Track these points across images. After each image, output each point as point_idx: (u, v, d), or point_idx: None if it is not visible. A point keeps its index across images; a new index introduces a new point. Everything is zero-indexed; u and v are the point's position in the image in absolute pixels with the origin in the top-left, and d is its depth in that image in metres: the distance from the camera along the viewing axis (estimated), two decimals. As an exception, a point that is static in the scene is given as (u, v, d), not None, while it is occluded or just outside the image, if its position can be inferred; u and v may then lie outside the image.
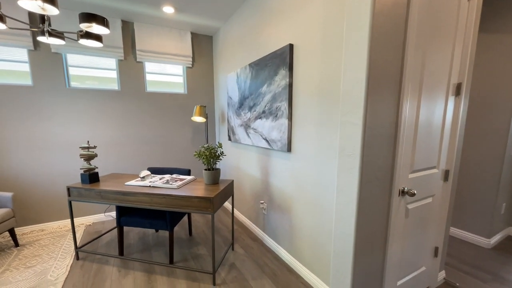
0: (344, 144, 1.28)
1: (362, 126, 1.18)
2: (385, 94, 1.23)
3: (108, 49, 2.82)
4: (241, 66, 2.76)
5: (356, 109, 1.20)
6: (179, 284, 1.83)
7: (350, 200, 1.26)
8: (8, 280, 1.85)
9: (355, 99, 1.20)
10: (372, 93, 1.17)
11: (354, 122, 1.21)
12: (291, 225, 2.07)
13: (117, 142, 3.00)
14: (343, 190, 1.30)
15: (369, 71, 1.14)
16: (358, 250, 1.29)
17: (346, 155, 1.27)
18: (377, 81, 1.18)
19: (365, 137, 1.19)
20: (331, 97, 1.59)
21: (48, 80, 2.62)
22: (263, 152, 2.45)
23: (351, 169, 1.24)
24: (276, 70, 2.12)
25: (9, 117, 2.50)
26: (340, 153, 1.31)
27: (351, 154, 1.24)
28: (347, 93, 1.25)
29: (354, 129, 1.21)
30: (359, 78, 1.17)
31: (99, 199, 2.00)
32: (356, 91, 1.19)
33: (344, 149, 1.28)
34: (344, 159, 1.28)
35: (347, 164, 1.27)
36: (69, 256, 2.18)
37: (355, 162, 1.22)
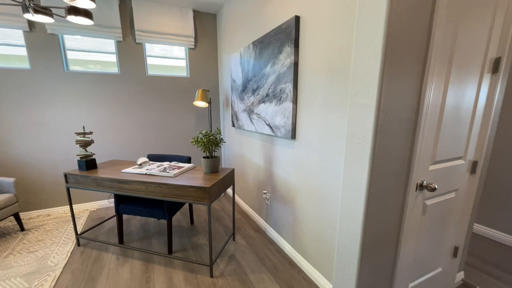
0: (353, 129, 1.09)
1: (375, 108, 0.98)
2: (406, 72, 1.02)
3: (105, 29, 2.68)
4: (244, 45, 2.55)
5: (368, 88, 1.00)
6: (176, 274, 1.77)
7: (357, 194, 1.09)
8: (10, 265, 1.87)
9: (368, 76, 1.00)
10: (389, 70, 0.96)
11: (365, 103, 1.02)
12: (294, 217, 1.93)
13: (117, 128, 2.93)
14: (350, 184, 1.13)
15: (386, 44, 0.93)
16: (365, 250, 1.14)
17: (355, 143, 1.08)
18: (396, 57, 0.97)
19: (379, 121, 1.00)
20: (340, 76, 1.38)
21: (46, 63, 2.54)
22: (266, 139, 2.29)
23: (361, 159, 1.06)
24: (280, 48, 1.91)
25: (9, 102, 2.46)
26: (348, 140, 1.12)
27: (361, 141, 1.05)
28: (358, 69, 1.04)
29: (366, 112, 1.02)
30: (374, 52, 0.97)
31: (95, 187, 1.94)
32: (369, 66, 0.99)
33: (353, 135, 1.09)
34: (353, 147, 1.10)
35: (355, 153, 1.09)
36: (70, 242, 2.18)
37: (365, 151, 1.04)
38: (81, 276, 1.75)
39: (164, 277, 1.74)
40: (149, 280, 1.71)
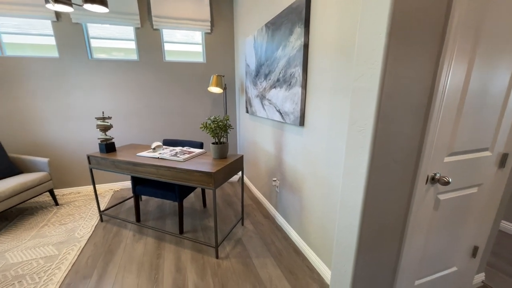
0: (355, 116, 1.01)
1: (377, 93, 0.90)
2: (417, 52, 0.90)
3: (124, 16, 2.76)
4: (258, 28, 2.47)
5: (370, 71, 0.91)
6: (184, 253, 1.87)
7: (356, 185, 1.03)
8: (45, 234, 2.12)
9: (370, 57, 0.91)
10: (395, 49, 0.86)
11: (367, 87, 0.93)
12: (301, 205, 1.91)
13: (136, 113, 3.08)
14: (350, 173, 1.07)
15: (392, 19, 0.83)
16: (363, 243, 1.09)
17: (356, 130, 1.01)
18: (405, 34, 0.86)
19: (381, 107, 0.91)
20: (350, 57, 1.27)
21: (72, 51, 2.71)
22: (276, 125, 2.24)
23: (361, 147, 0.99)
24: (291, 29, 1.81)
25: (42, 88, 2.69)
26: (349, 127, 1.05)
27: (362, 129, 0.98)
28: (361, 49, 0.95)
29: (367, 97, 0.94)
30: (377, 28, 0.87)
31: (113, 168, 2.08)
32: (372, 46, 0.90)
33: (354, 122, 1.02)
34: (354, 135, 1.03)
35: (356, 142, 1.02)
36: (95, 217, 2.40)
37: (365, 140, 0.97)
38: (102, 248, 1.93)
39: (173, 255, 1.85)
40: (160, 256, 1.84)
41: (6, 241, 2.02)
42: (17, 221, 2.33)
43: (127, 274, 1.66)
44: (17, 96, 2.63)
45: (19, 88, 2.62)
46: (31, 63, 2.61)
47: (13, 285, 1.56)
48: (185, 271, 1.69)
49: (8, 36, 2.55)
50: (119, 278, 1.62)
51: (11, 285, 1.56)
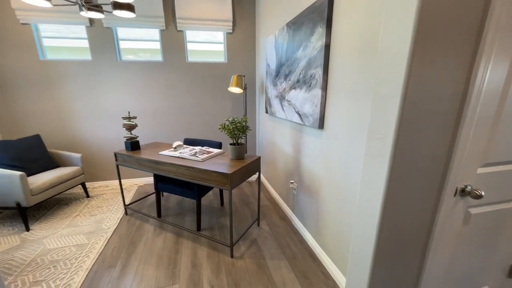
0: (375, 123, 0.96)
1: (400, 99, 0.84)
2: (447, 53, 0.83)
3: (151, 19, 2.87)
4: (279, 27, 2.44)
5: (392, 75, 0.86)
6: (201, 250, 1.92)
7: (374, 195, 0.98)
8: (77, 223, 2.30)
9: (393, 61, 0.85)
10: (421, 52, 0.80)
11: (389, 93, 0.88)
12: (318, 209, 1.87)
13: (160, 112, 3.21)
14: (368, 182, 1.02)
15: (419, 18, 0.77)
16: (380, 255, 1.04)
17: (376, 138, 0.96)
18: (433, 35, 0.80)
19: (404, 114, 0.86)
20: (373, 59, 1.21)
21: (103, 54, 2.89)
22: (295, 127, 2.21)
23: (380, 156, 0.94)
24: (312, 29, 1.77)
25: (77, 89, 2.91)
26: (369, 135, 1.00)
27: (382, 137, 0.93)
28: (384, 52, 0.90)
29: (389, 104, 0.89)
30: (403, 30, 0.81)
31: (137, 166, 2.19)
32: (396, 49, 0.84)
33: (374, 130, 0.97)
34: (373, 144, 0.98)
35: (375, 150, 0.97)
36: (121, 211, 2.55)
37: (385, 148, 0.92)
38: (125, 240, 2.05)
39: (190, 251, 1.92)
40: (178, 251, 1.91)
41: (44, 228, 2.23)
42: (54, 210, 2.56)
43: (147, 266, 1.75)
44: (56, 96, 2.87)
45: (58, 89, 2.86)
46: (68, 65, 2.83)
47: (49, 269, 1.72)
48: (201, 268, 1.74)
49: (48, 40, 2.79)
50: (140, 269, 1.72)
51: (47, 269, 1.72)
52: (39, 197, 2.23)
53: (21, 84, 2.76)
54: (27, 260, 1.82)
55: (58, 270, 1.71)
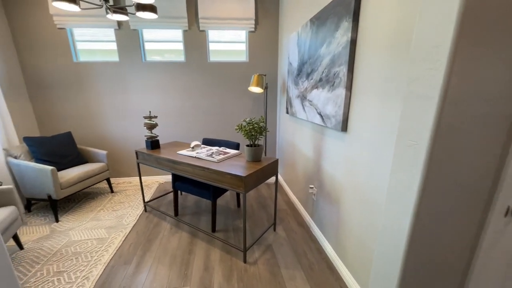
0: (406, 127, 0.83)
1: (438, 99, 0.71)
2: (500, 43, 0.68)
3: (174, 20, 2.92)
4: (302, 23, 2.33)
5: (430, 72, 0.73)
6: (214, 253, 1.89)
7: (403, 209, 0.85)
8: (100, 218, 2.41)
9: (431, 55, 0.73)
10: (467, 42, 0.67)
11: (424, 93, 0.75)
12: (338, 218, 1.73)
13: (181, 112, 3.25)
14: (396, 194, 0.89)
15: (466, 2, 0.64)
16: (407, 279, 0.90)
17: (407, 144, 0.83)
18: (484, 22, 0.66)
19: (443, 117, 0.72)
20: (405, 54, 1.07)
21: (129, 55, 3.00)
22: (317, 129, 2.09)
23: (412, 166, 0.81)
24: (337, 23, 1.64)
25: (105, 89, 3.05)
26: (398, 140, 0.88)
27: (415, 143, 0.80)
28: (419, 46, 0.77)
29: (424, 105, 0.76)
30: (444, 18, 0.68)
31: (156, 164, 2.23)
32: (434, 41, 0.71)
33: (405, 135, 0.84)
34: (403, 150, 0.85)
35: (406, 158, 0.84)
36: (140, 207, 2.62)
37: (418, 157, 0.79)
38: (143, 237, 2.09)
39: (204, 252, 1.89)
40: (191, 252, 1.89)
41: (71, 220, 2.36)
42: (81, 204, 2.71)
43: (160, 266, 1.75)
44: (86, 96, 3.04)
45: (88, 89, 3.03)
46: (97, 67, 2.98)
47: (71, 260, 1.80)
48: (213, 271, 1.70)
49: (81, 43, 2.96)
50: (153, 268, 1.72)
51: (70, 260, 1.80)
52: (68, 190, 2.36)
53: (57, 85, 2.97)
54: (53, 250, 1.92)
55: (79, 262, 1.78)
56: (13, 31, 2.75)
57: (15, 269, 1.72)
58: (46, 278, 1.64)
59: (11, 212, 1.74)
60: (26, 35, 2.78)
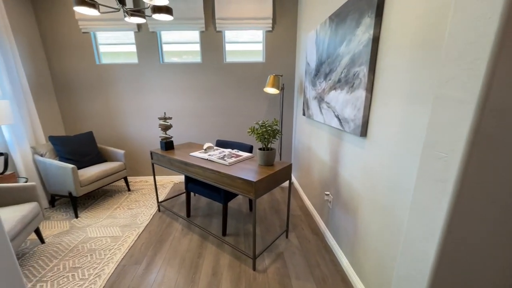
0: (435, 136, 0.72)
1: (476, 105, 0.60)
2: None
3: (192, 22, 2.93)
4: (321, 21, 2.23)
5: (467, 72, 0.62)
6: (223, 257, 1.85)
7: (430, 230, 0.74)
8: (116, 215, 2.47)
9: (467, 52, 0.62)
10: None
11: (459, 97, 0.64)
12: (355, 230, 1.61)
13: (196, 113, 3.27)
14: (421, 212, 0.78)
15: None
16: (436, 313, 0.78)
17: (435, 156, 0.72)
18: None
19: (481, 128, 0.61)
20: (437, 52, 0.94)
21: (148, 57, 3.06)
22: (334, 133, 1.97)
23: (441, 182, 0.70)
24: (359, 20, 1.53)
25: (125, 90, 3.15)
26: (424, 150, 0.77)
27: (445, 156, 0.69)
28: (454, 41, 0.66)
29: (458, 111, 0.65)
30: (484, 7, 0.57)
31: (169, 165, 2.24)
32: (472, 35, 0.60)
33: (433, 144, 0.73)
34: (430, 162, 0.74)
35: (434, 172, 0.73)
36: (154, 207, 2.66)
37: (449, 172, 0.67)
38: (154, 238, 2.10)
39: (213, 257, 1.86)
40: (201, 256, 1.87)
41: (89, 217, 2.44)
42: (99, 201, 2.81)
43: (169, 268, 1.74)
44: (107, 97, 3.16)
45: (109, 90, 3.14)
46: (118, 69, 3.07)
47: (86, 257, 1.85)
48: (221, 277, 1.65)
49: (103, 46, 3.08)
50: (162, 270, 1.72)
51: (85, 257, 1.86)
52: (87, 188, 2.45)
53: (81, 86, 3.11)
54: (71, 245, 1.99)
55: (93, 259, 1.82)
56: (43, 37, 2.92)
57: (35, 262, 1.80)
58: (62, 273, 1.69)
59: (33, 208, 1.82)
60: (54, 39, 2.94)
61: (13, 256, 0.84)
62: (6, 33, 2.32)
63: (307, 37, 2.56)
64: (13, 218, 1.64)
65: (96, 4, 1.88)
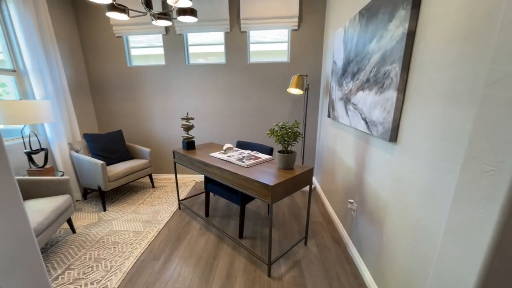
0: (480, 145, 0.61)
1: (537, 109, 0.49)
2: None
3: (217, 23, 2.96)
4: (350, 17, 2.10)
5: (524, 68, 0.50)
6: (238, 260, 1.82)
7: (468, 258, 0.63)
8: (139, 211, 2.58)
9: (527, 42, 0.50)
10: None
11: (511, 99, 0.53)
12: (381, 242, 1.47)
13: (219, 113, 3.29)
14: (459, 234, 0.66)
15: None
16: None
17: (480, 170, 0.61)
18: None
19: (544, 137, 0.49)
20: (483, 47, 0.81)
21: (174, 59, 3.16)
22: (360, 137, 1.84)
23: (486, 199, 0.59)
24: (392, 13, 1.40)
25: (152, 91, 3.29)
26: (466, 161, 0.65)
27: (493, 169, 0.57)
28: (507, 34, 0.55)
29: (510, 116, 0.53)
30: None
31: (189, 165, 2.27)
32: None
33: (477, 155, 0.62)
34: (473, 177, 0.62)
35: (477, 188, 0.61)
36: (175, 204, 2.73)
37: (498, 189, 0.56)
38: (173, 235, 2.14)
39: (228, 259, 1.83)
40: (216, 257, 1.86)
41: (116, 211, 2.58)
42: (126, 196, 2.96)
43: (185, 266, 1.76)
44: (136, 97, 3.32)
45: (138, 91, 3.30)
46: (146, 71, 3.22)
47: (110, 249, 1.95)
48: (235, 281, 1.62)
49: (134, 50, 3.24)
50: (178, 268, 1.74)
51: (108, 249, 1.95)
52: (114, 183, 2.59)
53: (113, 87, 3.31)
54: (97, 237, 2.11)
55: (116, 252, 1.91)
56: (82, 42, 3.17)
57: (66, 251, 1.94)
58: (87, 263, 1.79)
59: (65, 200, 1.97)
60: (92, 44, 3.17)
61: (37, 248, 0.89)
62: (51, 40, 2.55)
63: (334, 35, 2.44)
64: (48, 209, 1.78)
65: (126, 9, 1.97)
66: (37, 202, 1.86)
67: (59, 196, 1.99)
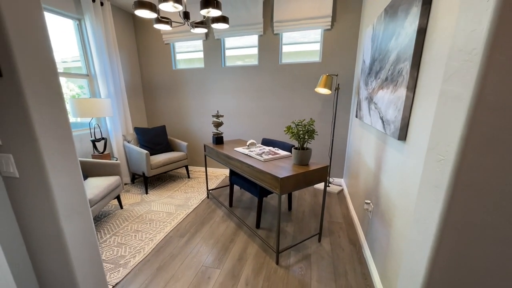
0: (437, 137, 0.65)
1: (470, 102, 0.53)
2: None
3: (251, 27, 3.15)
4: (378, 14, 2.08)
5: (465, 66, 0.55)
6: (252, 247, 1.96)
7: (424, 242, 0.67)
8: (174, 196, 2.94)
9: (469, 41, 0.55)
10: None
11: (456, 92, 0.57)
12: (388, 244, 1.45)
13: (250, 112, 3.49)
14: (419, 224, 0.70)
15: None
16: None
17: (435, 159, 0.65)
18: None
19: (475, 125, 0.53)
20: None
21: (212, 62, 3.48)
22: (379, 136, 1.82)
23: (436, 187, 0.63)
24: (407, 10, 1.40)
25: (192, 92, 3.67)
26: (428, 152, 0.69)
27: (442, 159, 0.61)
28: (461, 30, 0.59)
29: (455, 110, 0.58)
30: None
31: (217, 158, 2.51)
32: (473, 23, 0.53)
33: (434, 146, 0.66)
34: (431, 167, 0.67)
35: (432, 177, 0.65)
36: (205, 194, 3.01)
37: (444, 177, 0.60)
38: (198, 219, 2.41)
39: (243, 244, 2.00)
40: (232, 241, 2.04)
41: (156, 194, 2.99)
42: (165, 183, 3.38)
43: (204, 245, 1.99)
44: (178, 97, 3.76)
45: (180, 91, 3.73)
46: (188, 73, 3.62)
47: (146, 224, 2.31)
48: (245, 263, 1.78)
49: (179, 54, 3.68)
50: (198, 246, 1.97)
51: (145, 224, 2.31)
52: (156, 171, 3.01)
53: (161, 88, 3.81)
54: (138, 213, 2.51)
55: (151, 227, 2.25)
56: (138, 48, 3.73)
57: (114, 221, 2.36)
58: (128, 233, 2.17)
59: (116, 180, 2.40)
60: (145, 50, 3.71)
61: (91, 219, 1.19)
62: (114, 49, 3.10)
63: (365, 33, 2.40)
64: (102, 185, 2.21)
65: (169, 20, 2.31)
66: (95, 179, 2.32)
67: (111, 176, 2.44)
